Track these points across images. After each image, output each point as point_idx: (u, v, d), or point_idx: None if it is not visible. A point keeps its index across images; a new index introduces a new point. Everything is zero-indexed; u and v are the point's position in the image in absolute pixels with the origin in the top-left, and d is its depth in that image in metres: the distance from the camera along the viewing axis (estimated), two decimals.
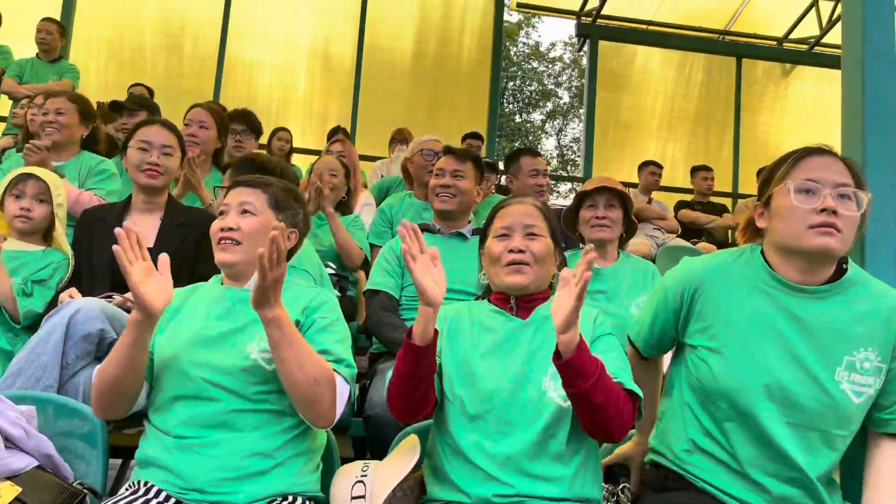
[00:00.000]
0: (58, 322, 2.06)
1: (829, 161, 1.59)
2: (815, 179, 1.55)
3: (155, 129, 2.69)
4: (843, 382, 1.57)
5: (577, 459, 1.64)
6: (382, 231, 3.64)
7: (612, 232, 2.77)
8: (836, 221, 1.53)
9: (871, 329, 1.59)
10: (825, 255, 1.57)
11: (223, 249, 1.77)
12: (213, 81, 7.45)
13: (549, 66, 23.76)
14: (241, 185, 1.85)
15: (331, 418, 1.62)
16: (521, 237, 1.80)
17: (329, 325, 1.74)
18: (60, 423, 1.84)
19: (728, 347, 1.64)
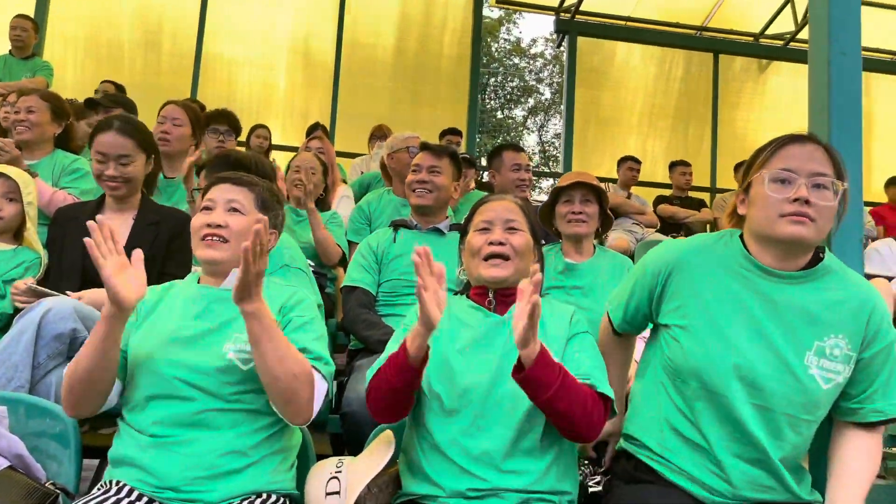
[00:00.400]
0: (29, 321, 2.04)
1: (808, 150, 1.61)
2: (791, 169, 1.58)
3: (109, 138, 2.55)
4: (812, 367, 1.59)
5: (551, 454, 1.67)
6: (360, 228, 3.63)
7: (588, 227, 2.79)
8: (808, 211, 1.55)
9: (842, 317, 1.61)
10: (797, 243, 1.59)
11: (210, 246, 1.75)
12: (190, 79, 7.39)
13: (531, 63, 23.83)
14: (227, 182, 1.84)
15: (308, 415, 1.62)
16: (501, 230, 1.82)
17: (306, 324, 1.74)
18: (32, 423, 1.82)
19: (700, 326, 1.65)
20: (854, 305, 1.62)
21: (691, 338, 1.66)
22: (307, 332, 1.72)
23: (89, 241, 1.49)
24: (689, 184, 6.58)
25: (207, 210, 1.81)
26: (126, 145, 2.56)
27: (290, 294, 1.81)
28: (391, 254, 2.83)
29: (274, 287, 1.84)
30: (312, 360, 1.65)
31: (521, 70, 23.65)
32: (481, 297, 1.84)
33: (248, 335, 1.56)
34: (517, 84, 23.72)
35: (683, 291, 1.69)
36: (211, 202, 1.81)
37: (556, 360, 1.62)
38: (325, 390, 1.67)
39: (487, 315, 1.80)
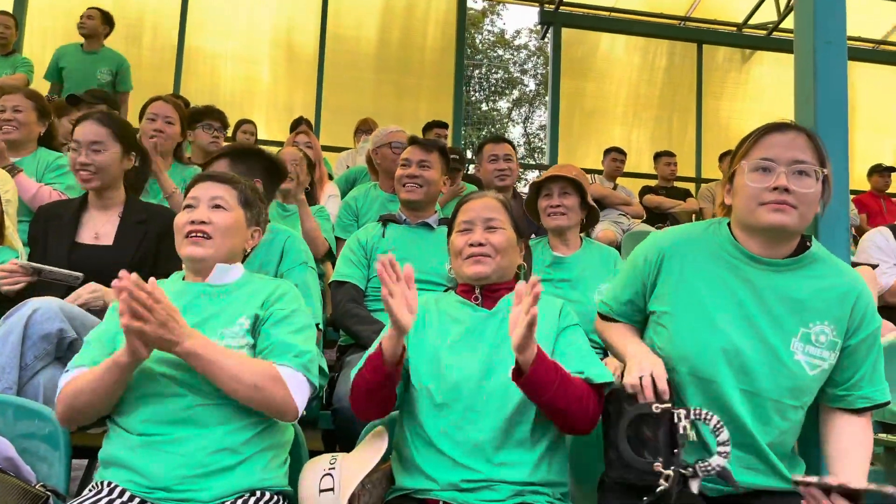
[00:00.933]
0: (15, 322, 2.00)
1: (789, 137, 1.62)
2: (771, 157, 1.60)
3: (85, 126, 2.53)
4: (798, 353, 1.62)
5: (543, 445, 1.68)
6: (348, 224, 3.62)
7: (569, 219, 2.79)
8: (788, 198, 1.57)
9: (828, 304, 1.64)
10: (779, 231, 1.61)
11: (194, 243, 1.75)
12: (172, 73, 7.31)
13: (515, 54, 23.80)
14: (210, 180, 1.84)
15: (292, 412, 1.63)
16: (481, 230, 1.83)
17: (286, 317, 1.74)
18: (21, 424, 1.80)
19: (687, 311, 1.69)
20: (840, 293, 1.64)
21: (679, 323, 1.69)
22: (285, 325, 1.72)
23: (126, 300, 1.45)
24: (673, 174, 6.62)
25: (190, 208, 1.80)
26: (100, 133, 2.51)
27: (274, 288, 1.81)
28: (380, 248, 2.82)
29: (256, 282, 1.84)
30: (282, 356, 1.65)
31: (505, 62, 23.62)
32: (468, 294, 1.86)
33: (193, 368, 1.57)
34: (501, 76, 23.70)
35: (673, 277, 1.72)
36: (194, 200, 1.81)
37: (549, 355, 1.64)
38: (302, 382, 1.66)
39: (475, 310, 1.82)
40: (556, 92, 8.16)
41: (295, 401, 1.62)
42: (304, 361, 1.67)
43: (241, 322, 1.70)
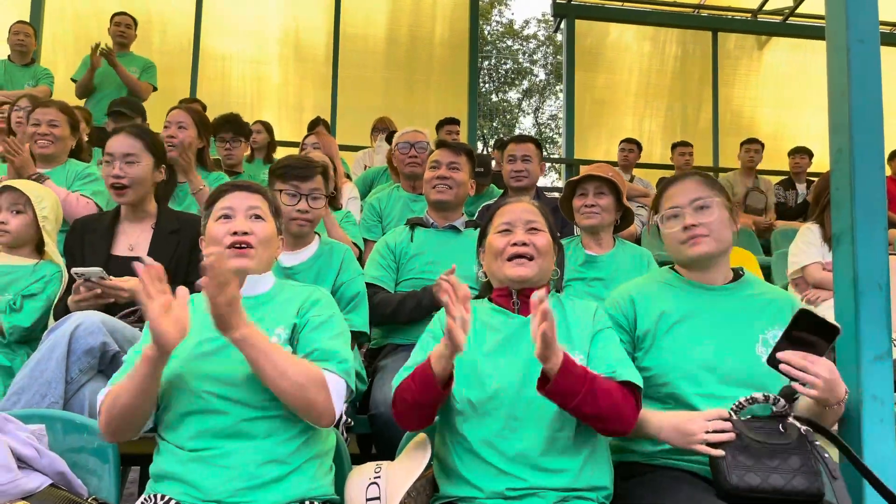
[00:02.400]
0: (60, 337, 2.04)
1: (684, 185, 1.93)
2: (675, 205, 1.91)
3: (118, 139, 2.57)
4: (764, 356, 1.77)
5: (586, 450, 1.69)
6: (373, 225, 3.63)
7: (603, 219, 2.80)
8: (698, 231, 1.87)
9: (772, 314, 1.89)
10: (703, 259, 1.91)
11: (239, 255, 1.75)
12: (186, 77, 7.33)
13: (524, 44, 23.69)
14: (242, 190, 1.85)
15: (330, 417, 1.63)
16: (523, 231, 1.85)
17: (323, 323, 1.75)
18: (69, 439, 1.84)
19: (661, 340, 1.87)
20: (780, 303, 1.92)
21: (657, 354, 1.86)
22: (323, 331, 1.74)
23: (138, 283, 1.49)
24: (689, 164, 6.58)
25: (226, 218, 1.79)
26: (133, 145, 2.55)
27: (308, 294, 1.83)
28: (409, 253, 2.84)
29: (291, 289, 1.86)
30: (324, 360, 1.67)
31: (514, 52, 23.51)
32: (505, 299, 1.87)
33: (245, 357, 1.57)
34: (511, 66, 23.60)
35: (649, 317, 1.91)
36: (229, 210, 1.80)
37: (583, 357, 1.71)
38: (342, 388, 1.67)
39: (511, 317, 1.83)
40: (570, 84, 8.14)
41: (334, 407, 1.63)
42: (346, 368, 1.69)
43: (278, 332, 1.72)
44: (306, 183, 2.57)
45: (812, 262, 3.53)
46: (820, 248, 3.59)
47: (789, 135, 8.35)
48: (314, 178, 2.60)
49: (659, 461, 1.80)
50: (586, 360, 1.74)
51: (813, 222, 3.66)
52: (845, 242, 1.89)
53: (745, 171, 6.42)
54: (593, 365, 1.72)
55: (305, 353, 1.70)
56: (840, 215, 1.91)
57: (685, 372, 1.82)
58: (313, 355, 1.69)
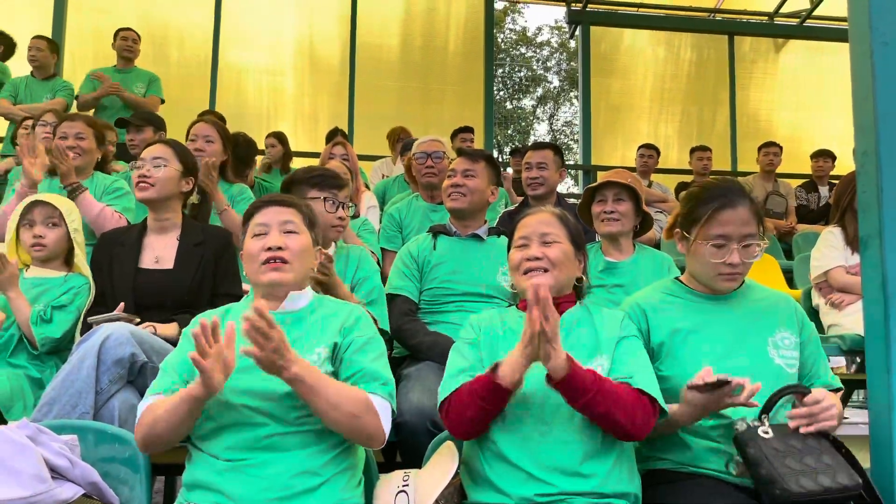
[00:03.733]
0: (89, 348, 2.07)
1: (738, 215, 1.86)
2: (725, 234, 1.85)
3: (151, 148, 2.69)
4: (776, 358, 1.87)
5: (613, 455, 1.70)
6: (393, 235, 3.64)
7: (622, 225, 2.80)
8: (738, 270, 1.88)
9: (776, 315, 1.93)
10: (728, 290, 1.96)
11: (275, 269, 1.77)
12: (203, 90, 7.41)
13: (537, 52, 23.71)
14: (275, 205, 1.86)
15: (381, 440, 1.67)
16: (537, 245, 1.87)
17: (366, 344, 1.77)
18: (101, 449, 1.86)
19: (677, 350, 1.88)
20: (782, 305, 1.97)
21: (676, 363, 1.87)
22: (367, 352, 1.76)
23: (196, 332, 1.50)
24: (707, 168, 6.55)
25: (261, 235, 1.82)
26: (164, 151, 2.65)
27: (348, 313, 1.84)
28: (431, 262, 2.84)
29: (331, 304, 1.87)
30: (371, 383, 1.69)
31: (528, 59, 23.53)
32: None
33: (297, 394, 1.60)
34: (525, 74, 23.62)
35: (657, 329, 1.92)
36: (263, 226, 1.83)
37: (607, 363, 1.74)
38: (388, 410, 1.71)
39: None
40: (586, 91, 8.13)
41: (384, 429, 1.66)
42: (390, 390, 1.72)
43: (319, 351, 1.73)
44: (342, 191, 2.62)
45: (835, 266, 3.50)
46: (843, 251, 3.57)
47: (807, 137, 8.31)
48: (347, 186, 2.66)
49: (689, 469, 1.80)
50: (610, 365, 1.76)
51: (835, 225, 3.63)
52: (873, 246, 1.88)
53: (765, 175, 6.39)
54: (614, 369, 1.74)
55: (349, 374, 1.72)
56: (867, 218, 1.90)
57: None
58: (357, 376, 1.71)
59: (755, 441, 1.65)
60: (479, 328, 1.88)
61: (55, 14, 7.05)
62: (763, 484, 1.62)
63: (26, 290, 2.55)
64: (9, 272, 2.46)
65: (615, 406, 1.62)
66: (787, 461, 1.61)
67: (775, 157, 6.36)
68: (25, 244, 2.66)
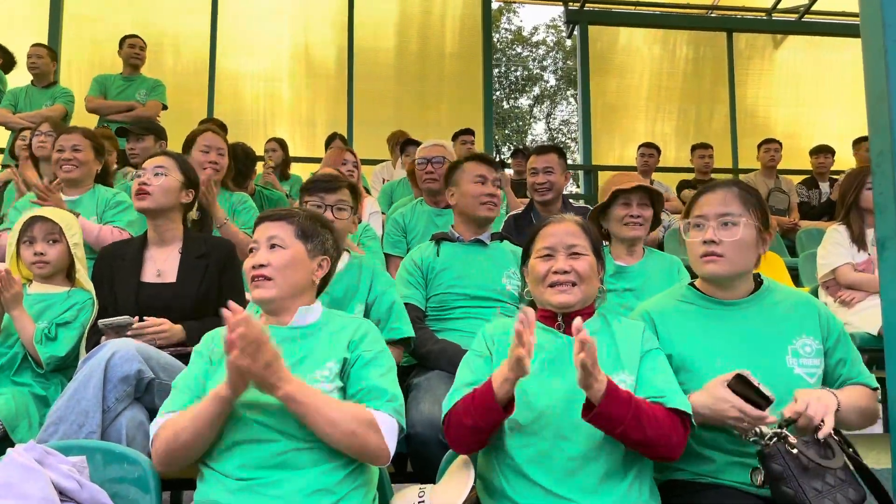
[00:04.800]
0: (95, 366, 2.03)
1: (716, 196, 1.86)
2: (702, 214, 1.86)
3: (152, 159, 2.66)
4: (796, 367, 1.79)
5: (634, 471, 1.67)
6: (397, 240, 3.61)
7: (644, 230, 2.80)
8: (715, 249, 1.81)
9: (798, 320, 1.85)
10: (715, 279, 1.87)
11: (257, 286, 1.77)
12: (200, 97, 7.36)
13: (533, 51, 23.69)
14: (265, 220, 1.85)
15: (385, 458, 1.65)
16: (564, 257, 1.82)
17: (374, 359, 1.75)
18: (110, 469, 1.82)
19: (689, 363, 1.82)
20: (803, 309, 1.87)
21: (689, 377, 1.80)
22: (374, 368, 1.73)
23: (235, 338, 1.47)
24: (708, 167, 6.52)
25: (253, 251, 1.83)
26: (165, 161, 2.62)
27: (356, 327, 1.82)
28: (436, 268, 2.82)
29: (339, 319, 1.84)
30: (375, 400, 1.67)
31: (524, 59, 23.52)
32: (550, 320, 1.85)
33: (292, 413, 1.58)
34: (521, 73, 23.60)
35: (671, 339, 1.87)
36: (256, 243, 1.84)
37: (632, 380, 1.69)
38: (394, 427, 1.68)
39: (558, 336, 1.81)
40: (585, 91, 8.09)
41: (388, 446, 1.63)
42: (396, 406, 1.69)
43: (329, 366, 1.71)
44: (331, 195, 2.58)
45: (843, 264, 3.47)
46: (849, 248, 3.54)
47: (805, 133, 8.29)
48: (339, 190, 2.60)
49: (708, 479, 1.76)
50: (635, 382, 1.71)
51: (840, 223, 3.61)
52: (890, 248, 1.84)
53: (766, 172, 6.36)
54: (642, 387, 1.70)
55: (355, 390, 1.70)
56: (884, 220, 1.86)
57: None
58: (362, 393, 1.69)
59: (781, 456, 1.59)
60: (492, 340, 1.84)
61: (51, 22, 7.02)
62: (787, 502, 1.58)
63: (29, 305, 2.52)
64: (14, 291, 2.42)
65: (651, 430, 1.59)
66: (813, 482, 1.56)
67: (776, 153, 6.33)
68: (27, 261, 2.62)
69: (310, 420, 1.57)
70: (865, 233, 3.55)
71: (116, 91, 5.58)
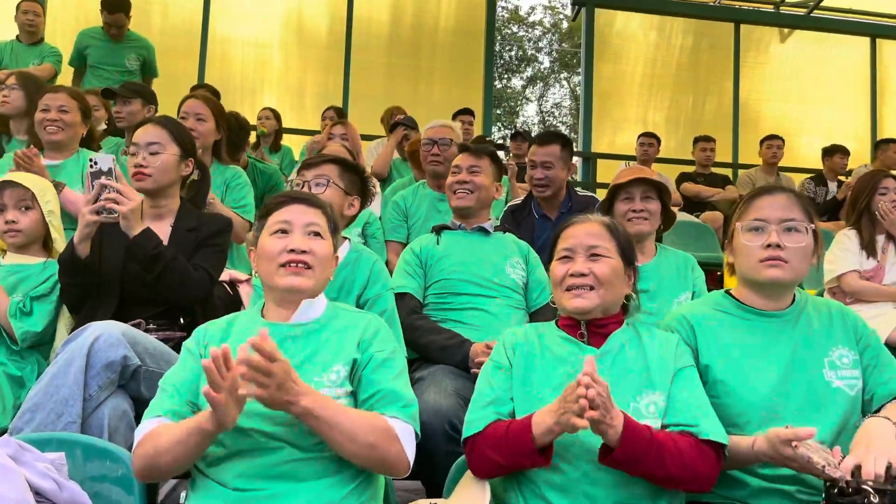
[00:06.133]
0: (77, 350, 1.87)
1: (777, 200, 1.78)
2: (762, 218, 1.77)
3: (143, 129, 2.47)
4: (835, 380, 1.71)
5: (664, 499, 1.54)
6: (397, 226, 3.47)
7: (651, 225, 2.64)
8: (781, 254, 1.71)
9: (832, 330, 1.77)
10: (775, 286, 1.76)
11: (295, 273, 1.59)
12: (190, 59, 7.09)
13: (529, 31, 23.43)
14: (301, 203, 1.69)
15: (404, 467, 1.51)
16: (583, 259, 1.69)
17: (386, 360, 1.61)
18: (91, 466, 1.67)
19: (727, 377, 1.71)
20: (837, 319, 1.79)
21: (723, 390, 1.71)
22: (388, 369, 1.59)
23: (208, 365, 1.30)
24: (709, 160, 6.42)
25: (282, 233, 1.64)
26: (159, 134, 2.44)
27: (366, 324, 1.67)
28: (436, 255, 2.71)
29: (347, 315, 1.70)
30: (391, 406, 1.53)
31: (519, 39, 23.26)
32: (572, 329, 1.72)
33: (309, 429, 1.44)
34: (516, 53, 23.35)
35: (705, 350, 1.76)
36: (286, 224, 1.65)
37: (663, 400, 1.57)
38: (413, 435, 1.55)
39: (581, 348, 1.67)
40: (588, 76, 7.91)
41: (407, 456, 1.50)
42: (412, 412, 1.56)
43: (337, 369, 1.56)
44: (310, 170, 2.42)
45: (849, 271, 3.40)
46: (857, 255, 3.46)
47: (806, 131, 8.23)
48: (319, 165, 2.43)
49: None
50: (665, 402, 1.59)
51: (850, 228, 3.53)
52: None
53: (767, 168, 6.28)
54: (672, 412, 1.58)
55: (367, 395, 1.56)
56: None
57: (751, 405, 1.68)
58: (376, 398, 1.54)
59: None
60: (513, 350, 1.70)
61: None
62: None
63: (3, 278, 2.36)
64: None
65: (675, 468, 1.46)
66: None
67: (778, 150, 6.26)
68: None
69: (327, 435, 1.42)
70: (876, 239, 3.48)
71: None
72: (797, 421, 1.61)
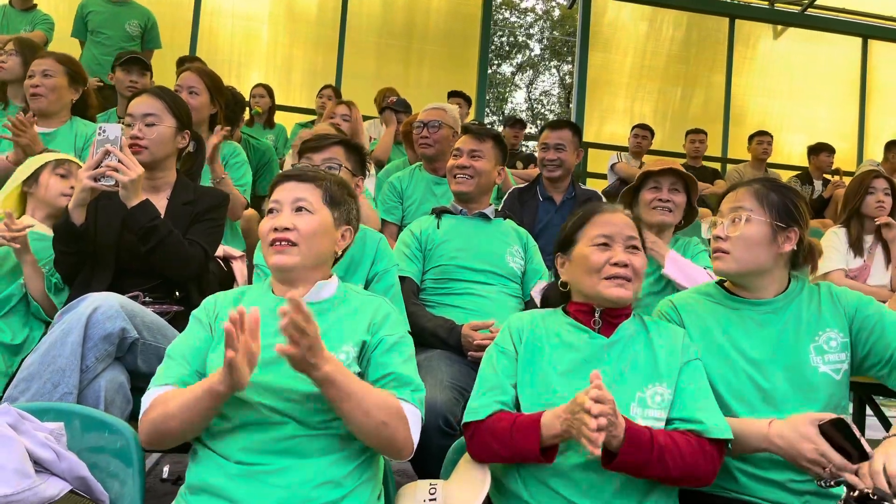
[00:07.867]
0: (75, 321, 1.85)
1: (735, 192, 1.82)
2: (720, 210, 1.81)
3: (140, 100, 2.43)
4: (821, 365, 1.70)
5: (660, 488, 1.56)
6: (393, 207, 3.45)
7: (674, 217, 2.66)
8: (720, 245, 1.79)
9: (822, 313, 1.74)
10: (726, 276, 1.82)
11: (279, 252, 1.59)
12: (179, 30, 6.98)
13: (521, 17, 23.33)
14: (292, 180, 1.67)
15: (410, 450, 1.51)
16: (622, 249, 1.68)
17: (396, 344, 1.60)
18: (89, 437, 1.66)
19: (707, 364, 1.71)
20: (826, 300, 1.76)
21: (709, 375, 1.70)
22: (397, 353, 1.59)
23: (229, 328, 1.29)
24: (699, 152, 6.47)
25: (273, 212, 1.65)
26: (154, 105, 2.40)
27: (377, 307, 1.67)
28: (436, 240, 2.69)
29: (356, 297, 1.69)
30: (401, 389, 1.54)
31: (511, 24, 23.16)
32: (585, 316, 1.71)
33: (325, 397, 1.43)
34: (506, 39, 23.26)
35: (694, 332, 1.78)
36: (277, 203, 1.65)
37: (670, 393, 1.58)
38: (418, 418, 1.55)
39: (593, 337, 1.68)
40: (583, 65, 7.89)
41: (413, 439, 1.50)
42: (420, 396, 1.56)
43: (346, 349, 1.56)
44: (318, 153, 2.40)
45: (835, 269, 3.44)
46: (845, 253, 3.52)
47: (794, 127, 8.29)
48: (327, 148, 2.41)
49: (732, 495, 1.67)
50: (672, 394, 1.60)
51: (839, 226, 3.58)
52: None
53: (756, 164, 6.33)
54: (678, 406, 1.59)
55: (378, 376, 1.55)
56: None
57: (735, 393, 1.70)
58: (387, 380, 1.54)
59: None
60: (519, 336, 1.70)
61: None
62: None
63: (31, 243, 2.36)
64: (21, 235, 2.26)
65: (676, 469, 1.48)
66: None
67: (768, 146, 6.32)
68: (55, 191, 2.55)
69: (343, 405, 1.41)
70: (864, 238, 3.53)
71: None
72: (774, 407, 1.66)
